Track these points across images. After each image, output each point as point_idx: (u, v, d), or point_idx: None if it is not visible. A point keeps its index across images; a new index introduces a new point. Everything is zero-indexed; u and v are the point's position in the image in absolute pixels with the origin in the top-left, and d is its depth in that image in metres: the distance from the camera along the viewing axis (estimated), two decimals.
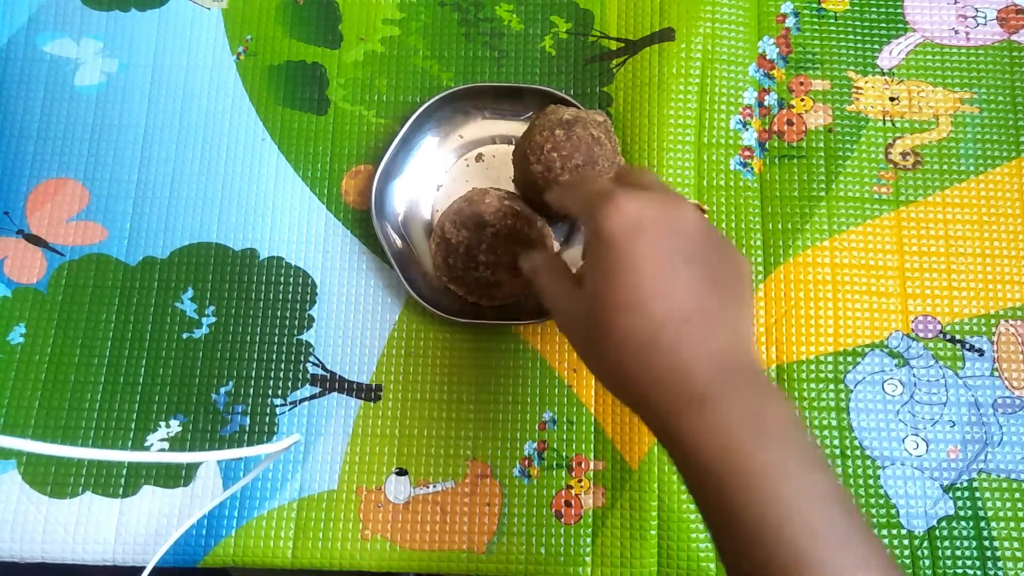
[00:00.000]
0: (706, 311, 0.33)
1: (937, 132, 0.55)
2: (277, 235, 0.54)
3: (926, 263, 0.53)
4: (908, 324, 0.52)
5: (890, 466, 0.50)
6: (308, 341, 0.52)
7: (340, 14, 0.58)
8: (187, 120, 0.56)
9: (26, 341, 0.52)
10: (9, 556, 0.49)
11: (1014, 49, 0.57)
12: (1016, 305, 0.52)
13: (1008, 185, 0.54)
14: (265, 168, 0.55)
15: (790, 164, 0.54)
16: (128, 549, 0.49)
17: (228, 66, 0.57)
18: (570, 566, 0.49)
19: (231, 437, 0.51)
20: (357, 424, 0.51)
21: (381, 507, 0.50)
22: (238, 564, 0.49)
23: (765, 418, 0.32)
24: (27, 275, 0.53)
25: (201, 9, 0.58)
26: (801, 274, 0.53)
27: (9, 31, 0.58)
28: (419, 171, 0.54)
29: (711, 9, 0.56)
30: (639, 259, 0.33)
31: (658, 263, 0.33)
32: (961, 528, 0.48)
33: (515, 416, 0.51)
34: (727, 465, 0.31)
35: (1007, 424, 0.50)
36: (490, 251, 0.47)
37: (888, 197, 0.54)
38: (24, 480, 0.50)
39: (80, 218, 0.54)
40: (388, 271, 0.53)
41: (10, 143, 0.56)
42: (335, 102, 0.56)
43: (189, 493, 0.50)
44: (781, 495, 0.30)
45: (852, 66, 0.56)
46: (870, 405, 0.51)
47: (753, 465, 0.31)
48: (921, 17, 0.57)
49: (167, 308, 0.53)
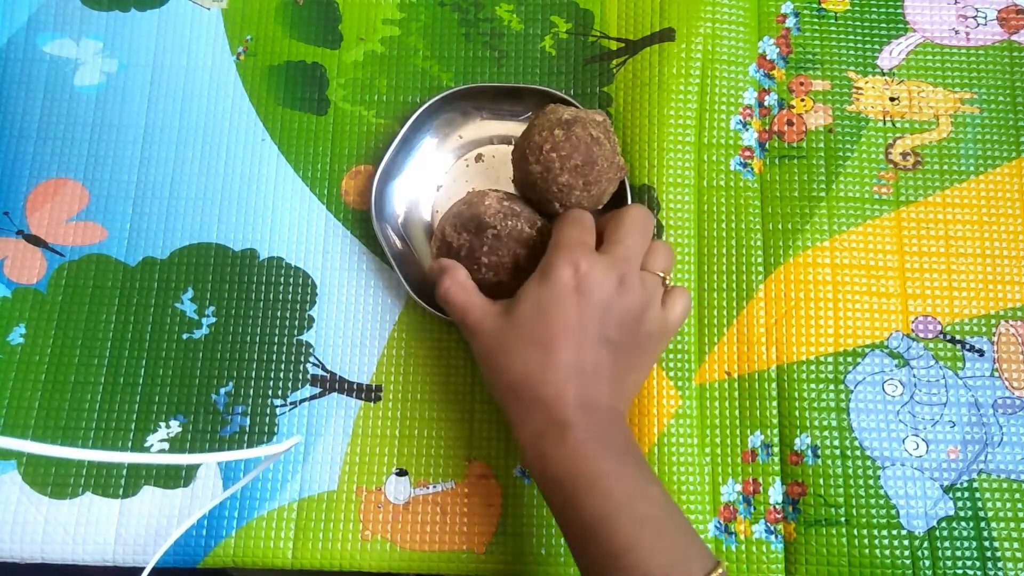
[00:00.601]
0: (599, 370, 0.42)
1: (937, 132, 0.55)
2: (277, 235, 0.54)
3: (926, 263, 0.53)
4: (908, 324, 0.52)
5: (890, 466, 0.50)
6: (308, 341, 0.52)
7: (340, 14, 0.58)
8: (187, 120, 0.56)
9: (26, 341, 0.52)
10: (9, 556, 0.49)
11: (1014, 49, 0.57)
12: (1016, 305, 0.52)
13: (1008, 185, 0.54)
14: (265, 168, 0.55)
15: (790, 164, 0.54)
16: (128, 549, 0.49)
17: (228, 66, 0.57)
18: (570, 566, 0.49)
19: (231, 438, 0.51)
20: (357, 424, 0.51)
21: (381, 507, 0.50)
22: (238, 565, 0.49)
23: (611, 440, 0.41)
24: (27, 275, 0.53)
25: (201, 9, 0.58)
26: (801, 274, 0.53)
27: (9, 31, 0.58)
28: (419, 171, 0.54)
29: (711, 9, 0.56)
30: (571, 319, 0.42)
31: (584, 329, 0.42)
32: (961, 528, 0.48)
33: None
34: (577, 472, 0.39)
35: (1007, 424, 0.50)
36: (491, 252, 0.47)
37: (888, 197, 0.54)
38: (24, 480, 0.50)
39: (80, 218, 0.54)
40: (388, 271, 0.53)
41: (10, 143, 0.56)
42: (335, 102, 0.56)
43: (189, 494, 0.50)
44: (613, 494, 0.39)
45: (852, 66, 0.56)
46: (870, 405, 0.51)
47: (597, 471, 0.39)
48: (921, 17, 0.57)
49: (167, 308, 0.53)
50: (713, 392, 0.51)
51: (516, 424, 0.43)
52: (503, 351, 0.43)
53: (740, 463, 0.50)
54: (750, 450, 0.50)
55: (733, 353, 0.52)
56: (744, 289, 0.52)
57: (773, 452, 0.50)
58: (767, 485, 0.50)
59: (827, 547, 0.48)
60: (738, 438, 0.50)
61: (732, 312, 0.52)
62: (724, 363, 0.52)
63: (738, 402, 0.51)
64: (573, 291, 0.42)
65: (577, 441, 0.40)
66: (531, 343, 0.42)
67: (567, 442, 0.40)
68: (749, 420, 0.51)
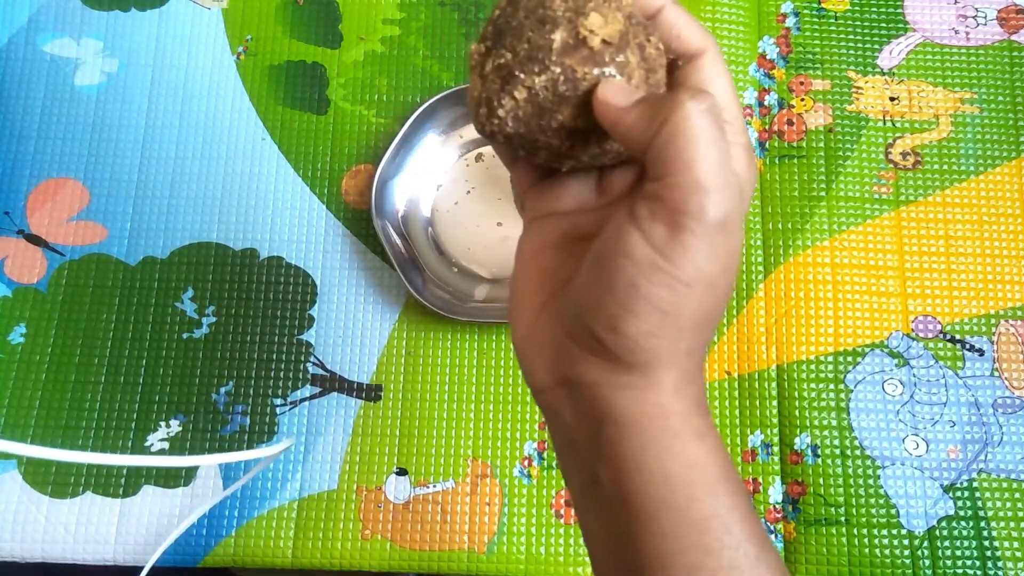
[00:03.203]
0: (720, 305, 0.28)
1: (937, 132, 0.55)
2: (277, 235, 0.54)
3: (926, 263, 0.53)
4: (908, 324, 0.52)
5: (890, 466, 0.50)
6: (308, 341, 0.53)
7: (340, 14, 0.58)
8: (187, 120, 0.56)
9: (26, 341, 0.52)
10: (9, 556, 0.49)
11: (1014, 49, 0.57)
12: (1016, 305, 0.52)
13: (1008, 185, 0.54)
14: (265, 168, 0.55)
15: (790, 164, 0.54)
16: (128, 549, 0.49)
17: (228, 66, 0.57)
18: (570, 566, 0.49)
19: (231, 437, 0.51)
20: (357, 424, 0.51)
21: (381, 507, 0.50)
22: (238, 564, 0.49)
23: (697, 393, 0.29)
24: (27, 275, 0.54)
25: (201, 9, 0.58)
26: (801, 274, 0.53)
27: (9, 31, 0.58)
28: (419, 171, 0.54)
29: (711, 9, 0.56)
30: (725, 250, 0.27)
31: (730, 262, 0.27)
32: (961, 528, 0.48)
33: (515, 416, 0.51)
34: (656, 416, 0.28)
35: (1007, 424, 0.50)
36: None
37: (888, 197, 0.54)
38: (24, 480, 0.50)
39: (80, 218, 0.54)
40: (388, 271, 0.53)
41: (10, 143, 0.56)
42: (335, 102, 0.56)
43: (189, 493, 0.50)
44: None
45: (852, 66, 0.56)
46: (870, 405, 0.51)
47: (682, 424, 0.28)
48: (921, 17, 0.57)
49: (167, 308, 0.53)
50: (713, 391, 0.51)
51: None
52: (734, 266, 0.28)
53: (740, 462, 0.50)
54: (750, 449, 0.50)
55: (733, 352, 0.52)
56: (744, 288, 0.52)
57: (773, 451, 0.50)
58: (767, 484, 0.50)
59: (827, 546, 0.48)
60: (738, 437, 0.50)
61: (732, 312, 0.52)
62: (724, 362, 0.52)
63: (738, 401, 0.51)
64: (733, 226, 0.27)
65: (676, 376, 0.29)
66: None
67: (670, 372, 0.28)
68: (749, 419, 0.51)
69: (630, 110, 0.26)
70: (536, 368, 0.30)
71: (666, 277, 0.25)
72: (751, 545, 0.27)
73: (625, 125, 0.26)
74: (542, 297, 0.30)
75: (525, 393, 0.51)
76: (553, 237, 0.31)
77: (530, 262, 0.31)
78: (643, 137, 0.25)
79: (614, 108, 0.26)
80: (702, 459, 0.27)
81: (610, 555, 0.29)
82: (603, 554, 0.29)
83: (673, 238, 0.25)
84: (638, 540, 0.27)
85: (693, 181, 0.24)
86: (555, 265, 0.30)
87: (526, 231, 0.32)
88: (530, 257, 0.31)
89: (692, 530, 0.27)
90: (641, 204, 0.26)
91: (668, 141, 0.25)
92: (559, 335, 0.29)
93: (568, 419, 0.29)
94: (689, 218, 0.24)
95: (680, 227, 0.25)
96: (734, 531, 0.27)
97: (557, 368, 0.29)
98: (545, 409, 0.30)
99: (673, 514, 0.27)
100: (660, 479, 0.27)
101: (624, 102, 0.26)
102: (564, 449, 0.30)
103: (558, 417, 0.29)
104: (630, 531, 0.27)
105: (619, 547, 0.28)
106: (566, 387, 0.29)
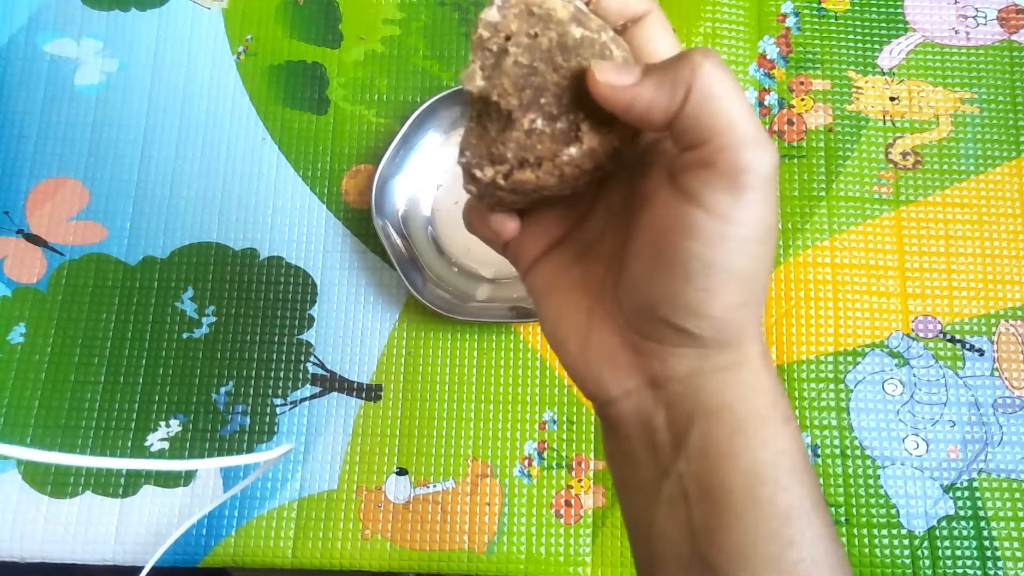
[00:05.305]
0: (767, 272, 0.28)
1: (937, 132, 0.55)
2: (277, 235, 0.54)
3: (926, 263, 0.53)
4: (908, 324, 0.52)
5: (890, 466, 0.50)
6: (308, 341, 0.52)
7: (340, 14, 0.58)
8: (187, 120, 0.56)
9: (26, 341, 0.52)
10: (9, 556, 0.49)
11: (1014, 49, 0.57)
12: (1016, 305, 0.52)
13: (1008, 185, 0.54)
14: (265, 168, 0.55)
15: (790, 164, 0.54)
16: (128, 549, 0.49)
17: (228, 66, 0.57)
18: (570, 566, 0.49)
19: (231, 437, 0.51)
20: (357, 424, 0.51)
21: (381, 507, 0.50)
22: (238, 564, 0.49)
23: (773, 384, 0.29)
24: (27, 275, 0.53)
25: (201, 9, 0.58)
26: (801, 274, 0.53)
27: (9, 31, 0.58)
28: (419, 170, 0.54)
29: (711, 9, 0.56)
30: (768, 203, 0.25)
31: (773, 218, 0.26)
32: (961, 528, 0.48)
33: (515, 416, 0.51)
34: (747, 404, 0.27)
35: (1007, 424, 0.50)
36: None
37: (888, 197, 0.54)
38: (24, 480, 0.50)
39: (80, 218, 0.54)
40: (388, 271, 0.53)
41: (10, 143, 0.56)
42: (335, 102, 0.56)
43: (189, 493, 0.50)
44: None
45: (852, 66, 0.56)
46: (870, 405, 0.51)
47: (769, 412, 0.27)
48: (921, 17, 0.57)
49: (167, 308, 0.53)
50: None
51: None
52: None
53: None
54: None
55: None
56: None
57: None
58: None
59: None
60: None
61: None
62: None
63: None
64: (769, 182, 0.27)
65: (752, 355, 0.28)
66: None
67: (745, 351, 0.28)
68: None
69: (641, 85, 0.24)
70: (603, 377, 0.28)
71: (740, 243, 0.24)
72: (827, 541, 0.27)
73: (644, 101, 0.24)
74: (587, 304, 0.29)
75: (525, 393, 0.51)
76: (562, 261, 0.30)
77: (553, 289, 0.30)
78: (668, 109, 0.24)
79: (621, 88, 0.24)
80: (789, 446, 0.27)
81: (681, 556, 0.27)
82: (673, 555, 0.28)
83: (737, 200, 0.24)
84: (720, 533, 0.26)
85: (740, 139, 0.23)
86: (583, 276, 0.29)
87: (531, 273, 0.31)
88: (552, 284, 0.30)
89: (777, 521, 0.26)
90: (689, 178, 0.24)
91: (702, 105, 0.23)
92: (630, 338, 0.27)
93: (652, 420, 0.27)
94: (749, 175, 0.23)
95: (742, 186, 0.23)
96: (815, 523, 0.26)
97: (640, 370, 0.27)
98: (616, 418, 0.28)
99: (758, 504, 0.26)
100: (749, 468, 0.26)
101: (631, 79, 0.24)
102: (639, 454, 0.28)
103: (636, 422, 0.28)
104: (710, 525, 0.26)
105: (694, 543, 0.27)
106: (652, 387, 0.27)
